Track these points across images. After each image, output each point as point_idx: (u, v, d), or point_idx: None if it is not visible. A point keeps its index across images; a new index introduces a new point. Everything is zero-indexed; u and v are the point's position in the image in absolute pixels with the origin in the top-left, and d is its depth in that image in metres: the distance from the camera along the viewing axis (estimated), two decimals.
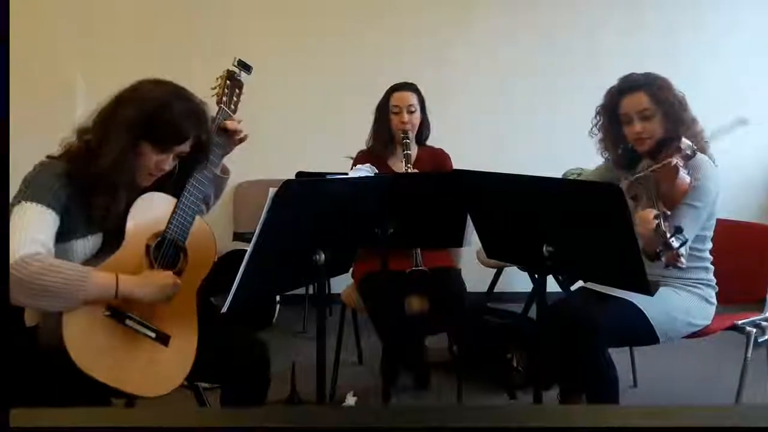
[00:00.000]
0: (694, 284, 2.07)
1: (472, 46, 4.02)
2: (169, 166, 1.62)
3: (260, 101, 3.50)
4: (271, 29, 3.97)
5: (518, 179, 1.75)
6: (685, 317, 2.02)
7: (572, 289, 2.61)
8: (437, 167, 2.65)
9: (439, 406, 2.12)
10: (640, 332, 1.98)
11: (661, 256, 1.64)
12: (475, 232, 1.96)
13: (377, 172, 2.27)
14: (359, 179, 2.03)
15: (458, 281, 2.55)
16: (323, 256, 1.67)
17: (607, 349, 1.96)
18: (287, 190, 1.50)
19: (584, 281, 2.23)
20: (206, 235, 1.73)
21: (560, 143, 3.83)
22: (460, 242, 2.12)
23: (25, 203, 1.43)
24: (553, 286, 3.07)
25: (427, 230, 2.15)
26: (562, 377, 2.20)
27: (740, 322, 2.15)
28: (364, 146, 2.75)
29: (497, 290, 3.55)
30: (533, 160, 3.13)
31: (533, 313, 2.70)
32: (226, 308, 1.49)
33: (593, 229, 1.62)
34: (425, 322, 2.53)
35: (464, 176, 1.86)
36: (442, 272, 2.53)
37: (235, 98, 1.85)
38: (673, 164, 1.81)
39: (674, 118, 2.01)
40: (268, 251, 1.54)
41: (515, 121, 4.05)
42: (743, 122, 1.86)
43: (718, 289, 2.10)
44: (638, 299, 1.94)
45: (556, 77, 4.00)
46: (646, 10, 4.02)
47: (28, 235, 1.39)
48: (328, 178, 2.13)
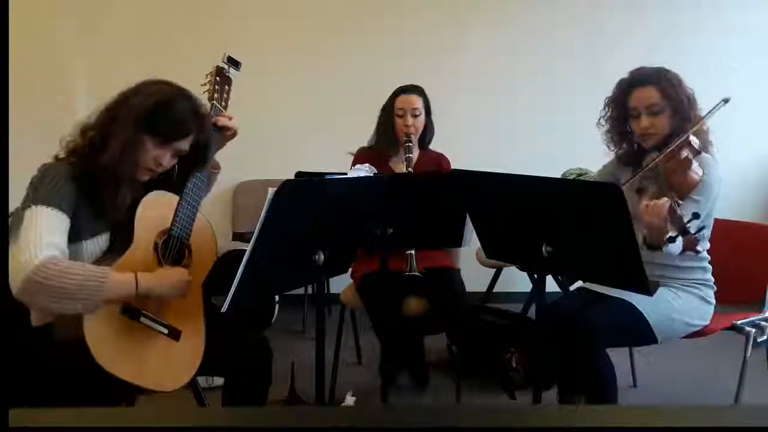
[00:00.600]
0: (692, 284, 2.07)
1: (472, 46, 4.02)
2: (167, 162, 1.64)
3: (260, 101, 3.51)
4: (271, 29, 3.97)
5: (517, 179, 1.75)
6: (683, 317, 2.02)
7: (571, 289, 2.60)
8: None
9: (437, 406, 2.12)
10: (638, 332, 1.98)
11: (674, 240, 1.62)
12: (474, 232, 1.96)
13: (376, 172, 2.27)
14: (358, 179, 2.03)
15: (457, 281, 2.55)
16: (322, 256, 1.67)
17: (605, 349, 1.96)
18: (286, 190, 1.50)
19: (584, 281, 2.23)
20: (207, 230, 1.78)
21: (560, 143, 3.84)
22: (459, 242, 2.12)
23: (35, 207, 1.44)
24: (552, 286, 3.08)
25: (426, 230, 2.15)
26: (560, 377, 2.20)
27: (739, 322, 2.15)
28: (364, 146, 2.74)
29: (496, 290, 3.55)
30: (533, 160, 3.13)
31: (532, 313, 2.71)
32: (225, 308, 1.50)
33: (593, 229, 1.62)
34: (424, 322, 2.53)
35: (463, 176, 1.86)
36: (441, 272, 2.53)
37: (225, 94, 1.88)
38: (683, 156, 1.81)
39: (682, 114, 2.00)
40: (267, 251, 1.54)
41: (515, 121, 4.05)
42: (726, 101, 1.85)
43: (716, 288, 2.11)
44: (636, 299, 1.94)
45: (556, 77, 4.01)
46: (646, 10, 4.02)
47: (43, 239, 1.40)
48: (327, 178, 2.13)
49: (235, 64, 1.93)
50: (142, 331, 1.57)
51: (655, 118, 2.01)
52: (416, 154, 2.65)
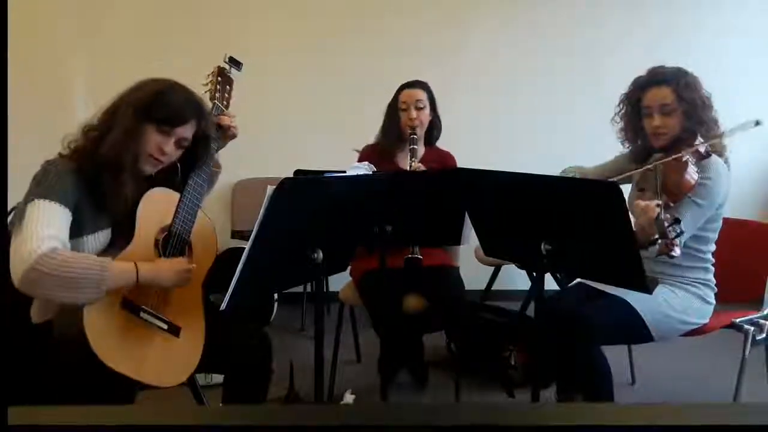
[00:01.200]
0: (691, 283, 2.07)
1: (472, 46, 4.02)
2: (170, 149, 1.64)
3: (259, 100, 3.51)
4: (271, 29, 3.97)
5: (516, 177, 1.75)
6: (680, 316, 2.01)
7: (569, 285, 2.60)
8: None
9: (436, 404, 2.12)
10: (633, 330, 1.98)
11: (655, 243, 1.64)
12: (473, 230, 1.96)
13: (375, 170, 2.27)
14: (357, 177, 2.03)
15: (456, 279, 2.55)
16: (321, 254, 1.67)
17: (600, 346, 1.96)
18: (285, 188, 1.50)
19: (582, 279, 2.23)
20: (208, 228, 1.80)
21: (560, 143, 3.83)
22: (458, 240, 2.11)
23: (38, 201, 1.46)
24: (551, 284, 3.08)
25: (425, 228, 2.15)
26: (558, 375, 2.20)
27: (738, 320, 2.15)
28: (370, 143, 2.73)
29: (495, 288, 3.55)
30: (533, 160, 3.13)
31: (531, 311, 2.71)
32: (224, 306, 1.50)
33: (592, 227, 1.62)
34: (423, 320, 2.53)
35: (462, 174, 1.86)
36: (440, 270, 2.53)
37: (226, 94, 1.91)
38: (683, 159, 1.81)
39: (695, 117, 1.99)
40: (266, 249, 1.54)
41: (515, 121, 4.04)
42: (759, 123, 1.85)
43: (717, 290, 2.10)
44: (632, 297, 1.94)
45: (556, 77, 4.00)
46: (646, 9, 4.02)
47: (44, 232, 1.42)
48: (326, 176, 2.13)
49: (236, 64, 1.95)
50: (142, 326, 1.58)
51: (667, 117, 2.01)
52: (422, 147, 2.64)
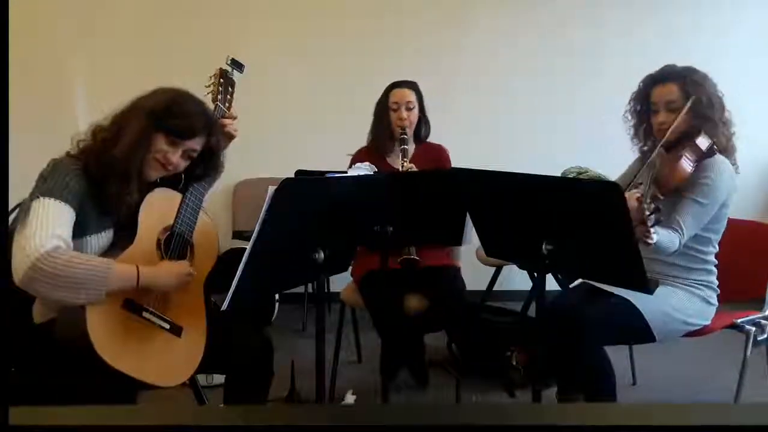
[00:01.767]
0: (693, 284, 2.06)
1: (472, 46, 4.02)
2: (176, 160, 1.65)
3: (260, 100, 3.51)
4: (271, 29, 3.96)
5: (517, 177, 1.75)
6: (682, 316, 2.01)
7: (570, 285, 2.60)
8: (434, 162, 2.64)
9: (437, 404, 2.11)
10: (636, 331, 1.98)
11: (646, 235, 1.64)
12: (474, 230, 1.96)
13: (376, 170, 2.27)
14: (358, 178, 2.03)
15: (457, 279, 2.55)
16: (322, 254, 1.67)
17: (603, 346, 1.96)
18: (286, 188, 1.50)
19: (584, 279, 2.23)
20: (209, 228, 1.80)
21: (560, 143, 3.83)
22: (459, 240, 2.11)
23: (43, 199, 1.47)
24: (552, 284, 3.08)
25: (426, 228, 2.15)
26: (560, 375, 2.20)
27: (740, 320, 2.15)
28: (364, 145, 2.74)
29: (496, 288, 3.55)
30: (533, 160, 3.13)
31: (532, 311, 2.71)
32: (225, 306, 1.50)
33: (593, 227, 1.62)
34: (424, 320, 2.53)
35: (463, 174, 1.86)
36: (441, 270, 2.53)
37: (228, 96, 1.92)
38: (678, 152, 1.81)
39: (701, 115, 1.99)
40: (267, 249, 1.54)
41: (515, 121, 4.04)
42: None
43: (719, 292, 2.10)
44: (635, 297, 1.94)
45: (556, 77, 4.00)
46: (646, 10, 4.01)
47: (48, 230, 1.43)
48: (327, 176, 2.13)
49: (238, 66, 1.96)
50: (144, 326, 1.58)
51: (672, 114, 2.01)
52: (411, 146, 2.65)
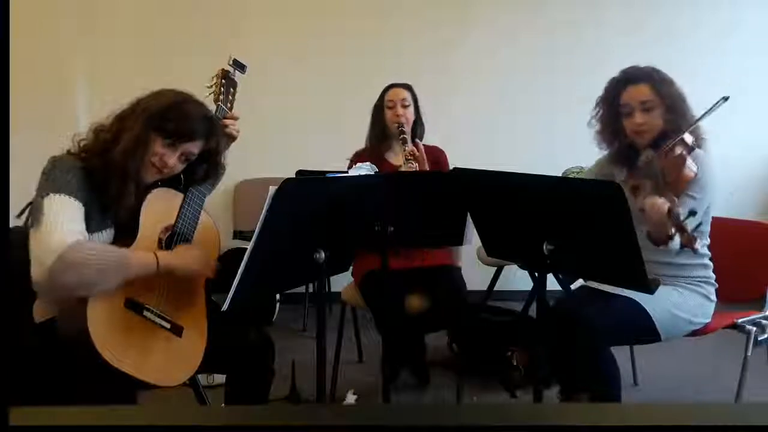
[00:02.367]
0: (694, 282, 2.06)
1: (472, 45, 4.02)
2: (172, 162, 1.65)
3: (260, 100, 3.51)
4: (271, 29, 3.97)
5: (518, 177, 1.75)
6: (686, 315, 2.01)
7: (572, 287, 2.61)
8: (432, 164, 2.65)
9: (438, 404, 2.12)
10: (641, 330, 1.97)
11: (673, 238, 1.63)
12: (475, 230, 1.96)
13: (377, 170, 2.27)
14: (359, 178, 2.03)
15: (458, 279, 2.55)
16: (323, 254, 1.67)
17: (608, 347, 1.96)
18: (287, 188, 1.50)
19: (584, 279, 2.23)
20: (210, 227, 1.80)
21: (560, 143, 3.83)
22: (460, 240, 2.11)
23: (53, 195, 1.48)
24: (553, 284, 3.08)
25: (427, 229, 2.15)
26: (562, 376, 2.19)
27: (740, 320, 2.15)
28: (364, 145, 2.75)
29: (497, 288, 3.55)
30: (533, 160, 3.13)
31: (533, 311, 2.71)
32: (226, 306, 1.50)
33: (593, 227, 1.62)
34: (425, 320, 2.53)
35: (464, 174, 1.86)
36: (442, 270, 2.53)
37: (230, 97, 1.92)
38: (678, 153, 1.81)
39: (676, 111, 1.99)
40: (268, 249, 1.54)
41: (515, 121, 4.04)
42: (725, 99, 1.85)
43: (717, 286, 2.10)
44: (640, 297, 1.93)
45: (556, 77, 4.00)
46: (646, 9, 4.01)
47: (66, 226, 1.45)
48: (328, 176, 2.13)
49: (240, 67, 1.96)
50: (145, 325, 1.58)
51: (648, 114, 2.01)
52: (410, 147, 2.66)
